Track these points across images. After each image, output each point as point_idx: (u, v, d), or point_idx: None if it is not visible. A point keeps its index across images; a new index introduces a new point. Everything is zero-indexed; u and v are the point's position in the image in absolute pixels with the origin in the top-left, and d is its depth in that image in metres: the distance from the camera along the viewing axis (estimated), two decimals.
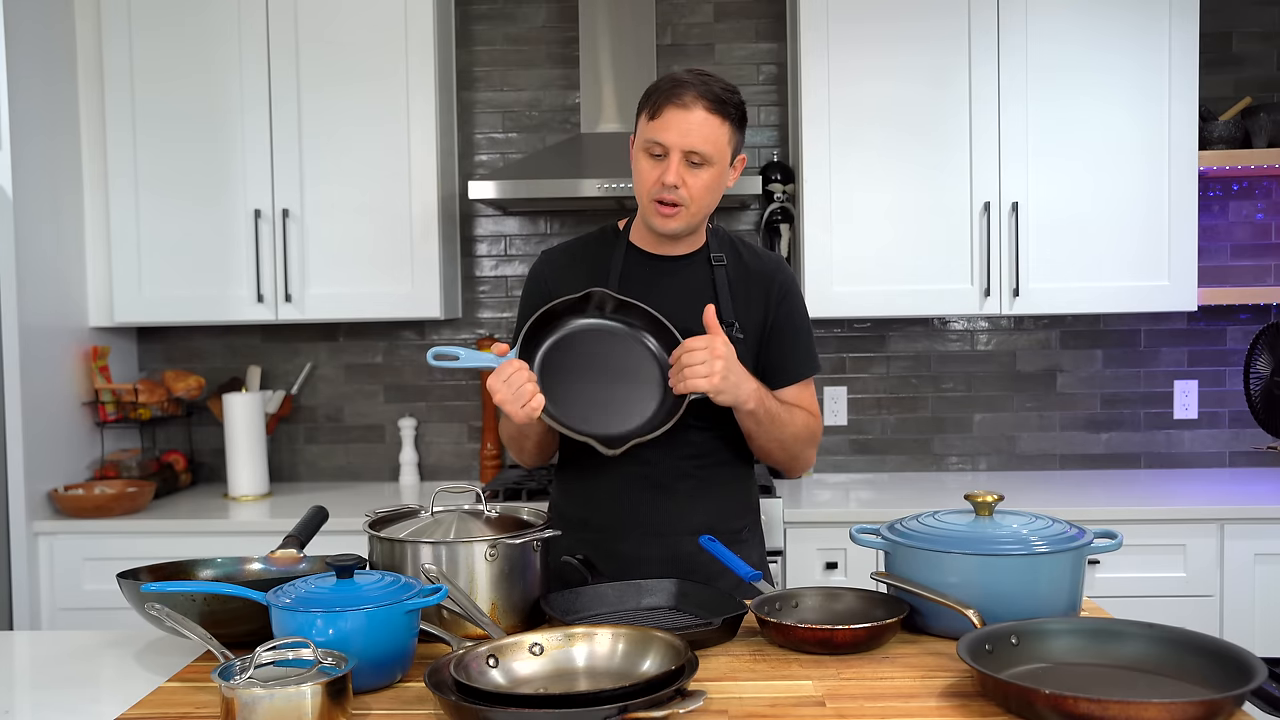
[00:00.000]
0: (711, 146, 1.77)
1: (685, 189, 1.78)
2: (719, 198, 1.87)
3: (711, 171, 1.80)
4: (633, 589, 1.72)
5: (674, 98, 1.75)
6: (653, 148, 1.78)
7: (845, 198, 3.16)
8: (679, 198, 1.79)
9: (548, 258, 2.00)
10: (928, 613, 1.55)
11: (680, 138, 1.75)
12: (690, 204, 1.80)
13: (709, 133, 1.76)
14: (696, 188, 1.79)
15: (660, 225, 1.83)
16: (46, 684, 1.59)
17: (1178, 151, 3.11)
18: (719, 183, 1.83)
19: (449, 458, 3.61)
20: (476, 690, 1.23)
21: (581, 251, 1.99)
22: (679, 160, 1.77)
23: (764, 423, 1.83)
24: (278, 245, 3.21)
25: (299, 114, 3.20)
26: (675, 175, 1.77)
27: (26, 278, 2.97)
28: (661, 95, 1.77)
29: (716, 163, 1.79)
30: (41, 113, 3.07)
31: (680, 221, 1.83)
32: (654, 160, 1.79)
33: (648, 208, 1.83)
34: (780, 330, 1.94)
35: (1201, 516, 2.89)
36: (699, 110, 1.75)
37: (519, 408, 1.69)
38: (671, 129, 1.75)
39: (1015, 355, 3.53)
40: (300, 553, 1.74)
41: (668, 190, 1.78)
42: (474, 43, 3.56)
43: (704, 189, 1.80)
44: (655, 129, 1.77)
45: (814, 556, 2.94)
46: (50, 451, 3.07)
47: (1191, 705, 1.16)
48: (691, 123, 1.75)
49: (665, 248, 1.93)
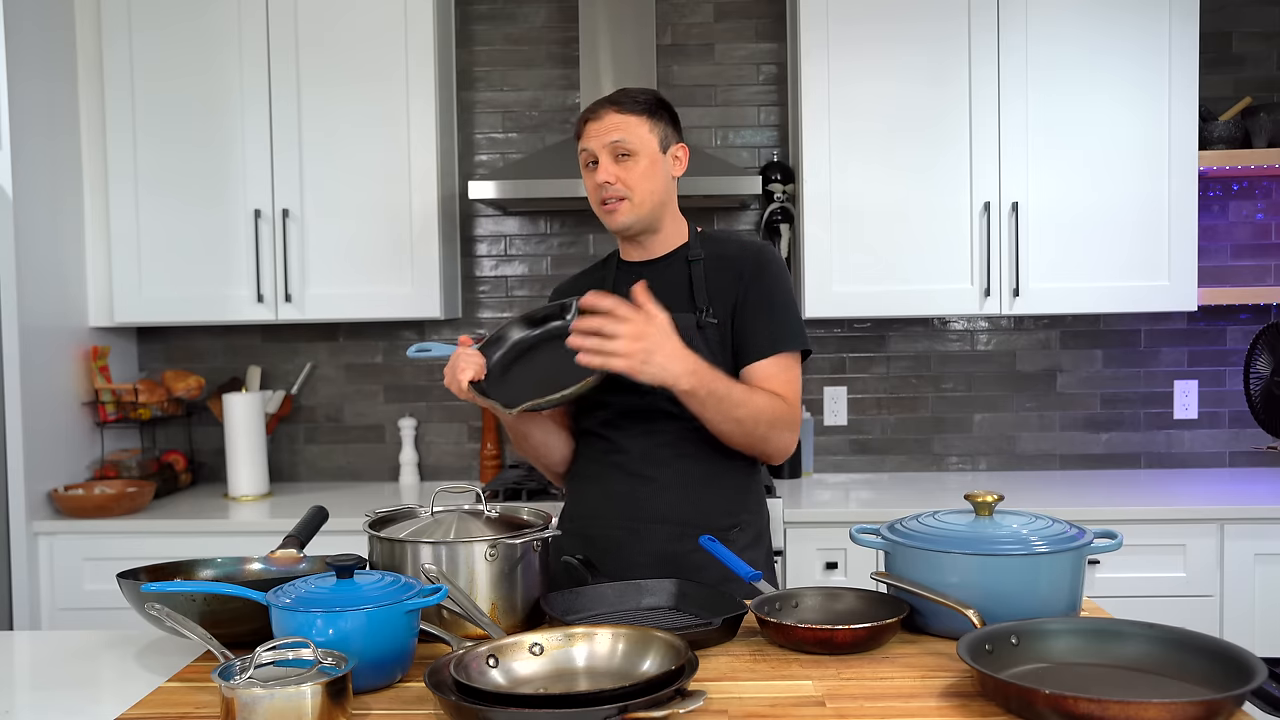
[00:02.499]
0: (628, 135, 1.92)
1: (621, 182, 1.92)
2: (662, 186, 1.96)
3: (642, 162, 1.93)
4: (633, 589, 1.72)
5: (589, 114, 1.96)
6: (585, 158, 1.96)
7: (845, 198, 3.16)
8: (617, 192, 1.92)
9: (558, 290, 2.16)
10: (928, 613, 1.55)
11: (598, 139, 1.93)
12: (632, 194, 1.93)
13: (622, 126, 1.92)
14: (632, 178, 1.92)
15: (609, 222, 1.97)
16: (46, 684, 1.59)
17: (1178, 151, 3.11)
18: (656, 170, 1.95)
19: (449, 458, 3.61)
20: (476, 690, 1.22)
21: (586, 274, 2.15)
22: (606, 159, 1.92)
23: (708, 404, 1.80)
24: (278, 245, 3.21)
25: (299, 114, 3.20)
26: (605, 173, 1.92)
27: (26, 278, 2.97)
28: (581, 118, 1.98)
29: (641, 151, 1.93)
30: (41, 113, 3.07)
31: (626, 214, 1.94)
32: (590, 171, 1.96)
33: (599, 213, 1.98)
34: (750, 304, 1.94)
35: (1201, 516, 2.89)
36: (609, 114, 1.94)
37: (451, 382, 1.86)
38: (591, 136, 1.94)
39: (1015, 355, 3.53)
40: (300, 553, 1.75)
41: (605, 189, 1.93)
42: (474, 43, 3.56)
43: (640, 177, 1.93)
44: (581, 143, 1.97)
45: (814, 556, 2.94)
46: (50, 451, 3.07)
47: (1191, 705, 1.15)
48: (604, 125, 1.93)
49: (644, 253, 2.03)
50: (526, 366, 1.92)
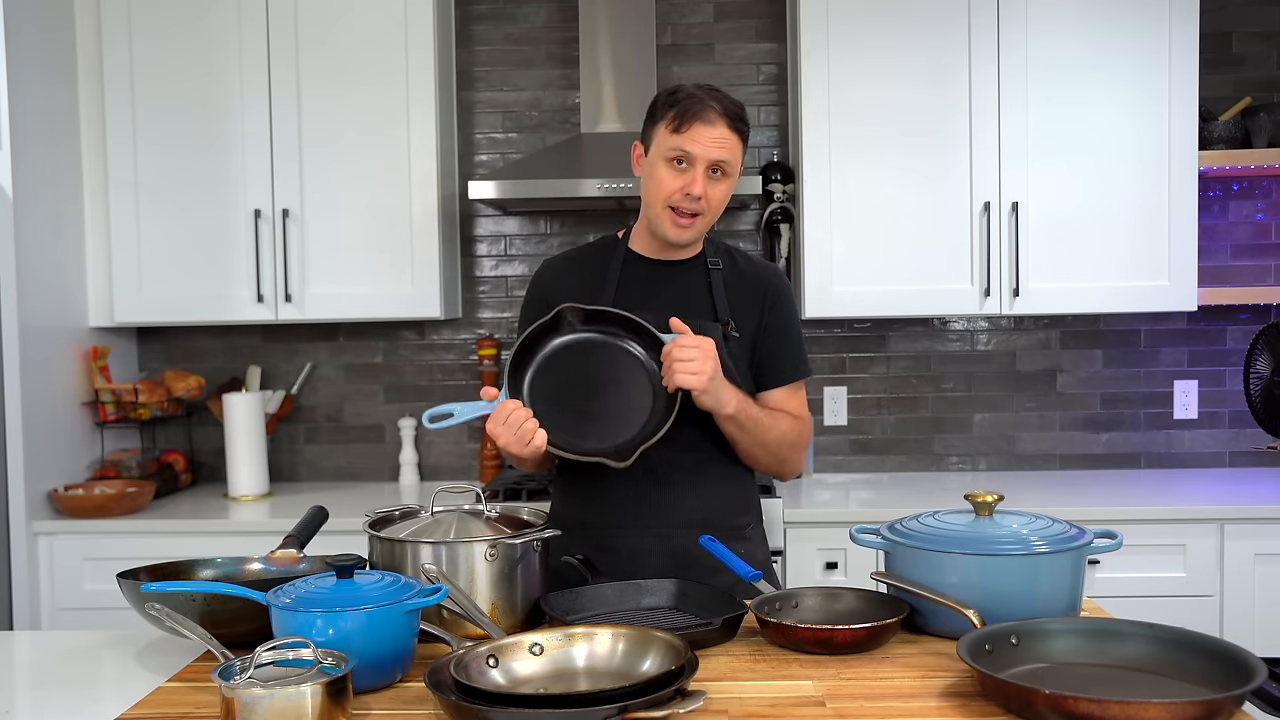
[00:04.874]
0: (733, 157, 1.86)
1: (706, 199, 1.86)
2: None
3: (729, 183, 1.89)
4: (633, 589, 1.72)
5: (700, 114, 1.83)
6: (678, 156, 1.84)
7: (845, 198, 3.16)
8: (700, 207, 1.86)
9: (549, 264, 2.06)
10: (928, 613, 1.55)
11: (707, 150, 1.83)
12: (708, 213, 1.88)
13: (730, 145, 1.85)
14: (715, 198, 1.88)
15: (676, 235, 1.89)
16: (46, 684, 1.59)
17: (1178, 151, 3.11)
18: (730, 193, 1.92)
19: (449, 458, 3.61)
20: (476, 690, 1.23)
21: (580, 258, 2.04)
22: (704, 172, 1.84)
23: (745, 428, 1.87)
24: (278, 245, 3.21)
25: (299, 113, 3.20)
26: (700, 187, 1.84)
27: (26, 278, 2.97)
28: (685, 109, 1.84)
29: (733, 175, 1.89)
30: (42, 113, 3.07)
31: (695, 230, 1.90)
32: (677, 170, 1.85)
33: (661, 215, 1.88)
34: (772, 332, 1.98)
35: (1201, 516, 2.89)
36: (722, 126, 1.84)
37: (523, 447, 1.72)
38: (700, 141, 1.83)
39: (1015, 355, 3.53)
40: (300, 553, 1.75)
41: (690, 200, 1.85)
42: (474, 43, 3.56)
43: (721, 199, 1.89)
44: (683, 140, 1.83)
45: (814, 556, 2.94)
46: (50, 451, 3.07)
47: (1191, 705, 1.15)
48: (716, 136, 1.83)
49: (665, 253, 1.98)
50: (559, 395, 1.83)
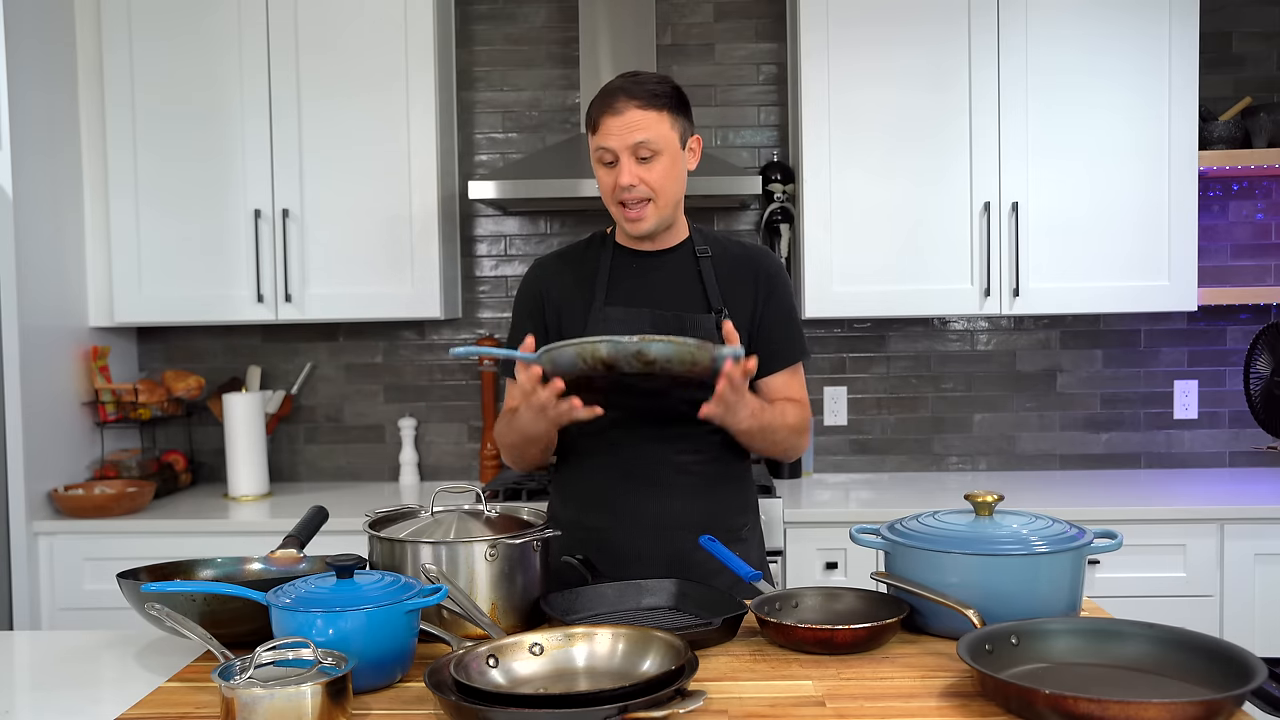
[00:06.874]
0: (654, 135, 1.85)
1: (645, 184, 1.86)
2: (683, 183, 1.94)
3: (664, 160, 1.87)
4: (633, 589, 1.72)
5: (606, 108, 1.85)
6: (603, 155, 1.87)
7: (845, 198, 3.16)
8: (640, 194, 1.86)
9: (540, 263, 2.08)
10: (928, 613, 1.55)
11: (622, 138, 1.84)
12: (657, 196, 1.88)
13: (648, 125, 1.84)
14: (654, 179, 1.86)
15: (632, 228, 1.91)
16: (46, 684, 1.59)
17: (1178, 151, 3.11)
18: (677, 169, 1.90)
19: (449, 458, 3.61)
20: (476, 690, 1.23)
21: (570, 255, 2.06)
22: (629, 160, 1.85)
23: (756, 435, 1.88)
24: (278, 245, 3.21)
25: (299, 113, 3.20)
26: (629, 175, 1.85)
27: (26, 278, 2.97)
28: (595, 107, 1.88)
29: (665, 150, 1.86)
30: (42, 113, 3.07)
31: (652, 219, 1.90)
32: (608, 168, 1.88)
33: (616, 214, 1.92)
34: (768, 316, 1.97)
35: (1201, 516, 2.89)
36: (632, 110, 1.84)
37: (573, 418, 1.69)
38: (612, 133, 1.85)
39: (1015, 355, 3.53)
40: (300, 553, 1.75)
41: (626, 191, 1.86)
42: (474, 43, 3.56)
43: (663, 177, 1.87)
44: (600, 139, 1.87)
45: (814, 556, 2.93)
46: (50, 451, 3.06)
47: (1191, 705, 1.15)
48: (625, 122, 1.84)
49: (649, 243, 1.99)
50: None
